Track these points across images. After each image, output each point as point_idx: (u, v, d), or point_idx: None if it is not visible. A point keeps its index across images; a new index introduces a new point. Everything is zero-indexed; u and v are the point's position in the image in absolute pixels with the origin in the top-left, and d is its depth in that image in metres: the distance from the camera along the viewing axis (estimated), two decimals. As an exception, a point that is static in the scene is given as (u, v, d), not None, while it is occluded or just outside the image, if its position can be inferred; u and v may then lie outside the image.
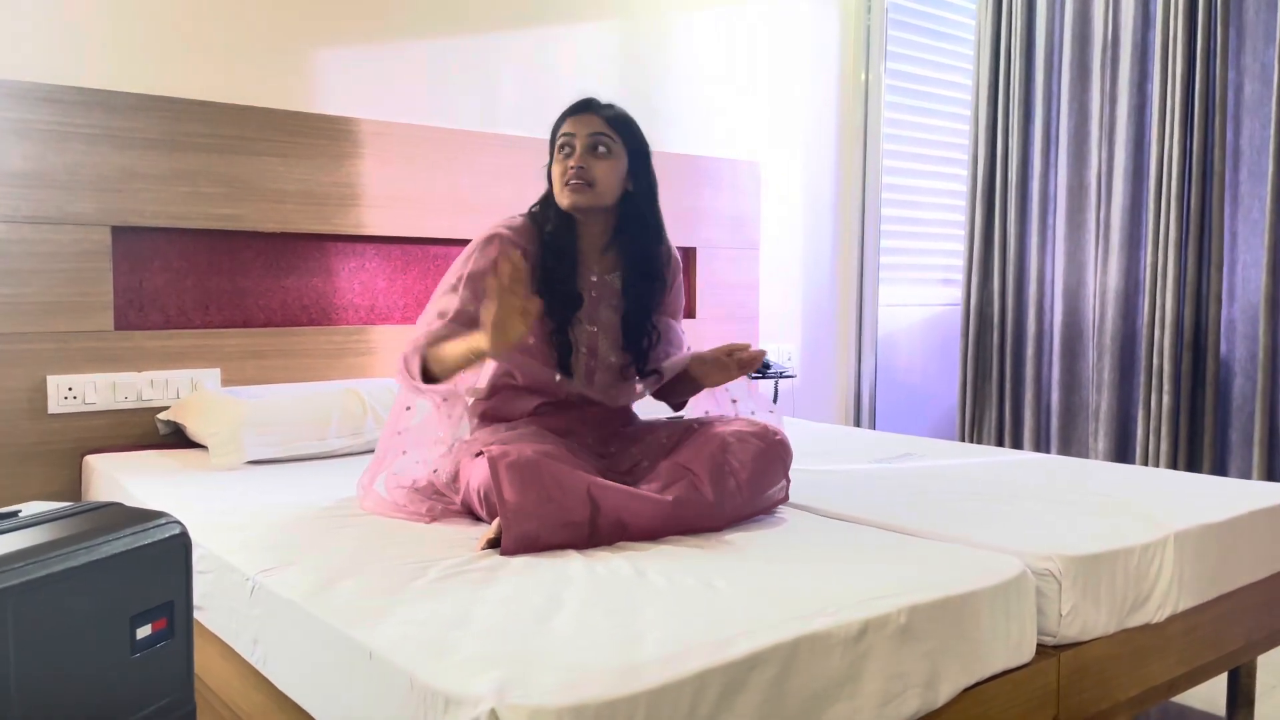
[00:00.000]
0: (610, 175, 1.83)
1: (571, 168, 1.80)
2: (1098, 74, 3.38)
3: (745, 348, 1.80)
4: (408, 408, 1.85)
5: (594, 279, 1.90)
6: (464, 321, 1.78)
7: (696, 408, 2.01)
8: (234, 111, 2.47)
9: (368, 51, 2.73)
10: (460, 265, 1.84)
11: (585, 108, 1.86)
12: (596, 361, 1.89)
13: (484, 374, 1.92)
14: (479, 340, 1.62)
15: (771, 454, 1.76)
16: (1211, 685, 2.04)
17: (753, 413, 1.96)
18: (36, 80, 2.24)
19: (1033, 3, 3.55)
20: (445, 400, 1.78)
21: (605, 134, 1.82)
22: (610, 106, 1.88)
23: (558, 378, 1.85)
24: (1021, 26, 3.55)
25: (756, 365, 1.80)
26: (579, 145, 1.81)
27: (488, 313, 1.57)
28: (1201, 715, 2.21)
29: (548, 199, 1.89)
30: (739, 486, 1.69)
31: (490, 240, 1.84)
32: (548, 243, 1.85)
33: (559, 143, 1.84)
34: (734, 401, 1.98)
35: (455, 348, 1.70)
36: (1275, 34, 2.95)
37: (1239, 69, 3.07)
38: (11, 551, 1.00)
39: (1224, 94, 3.06)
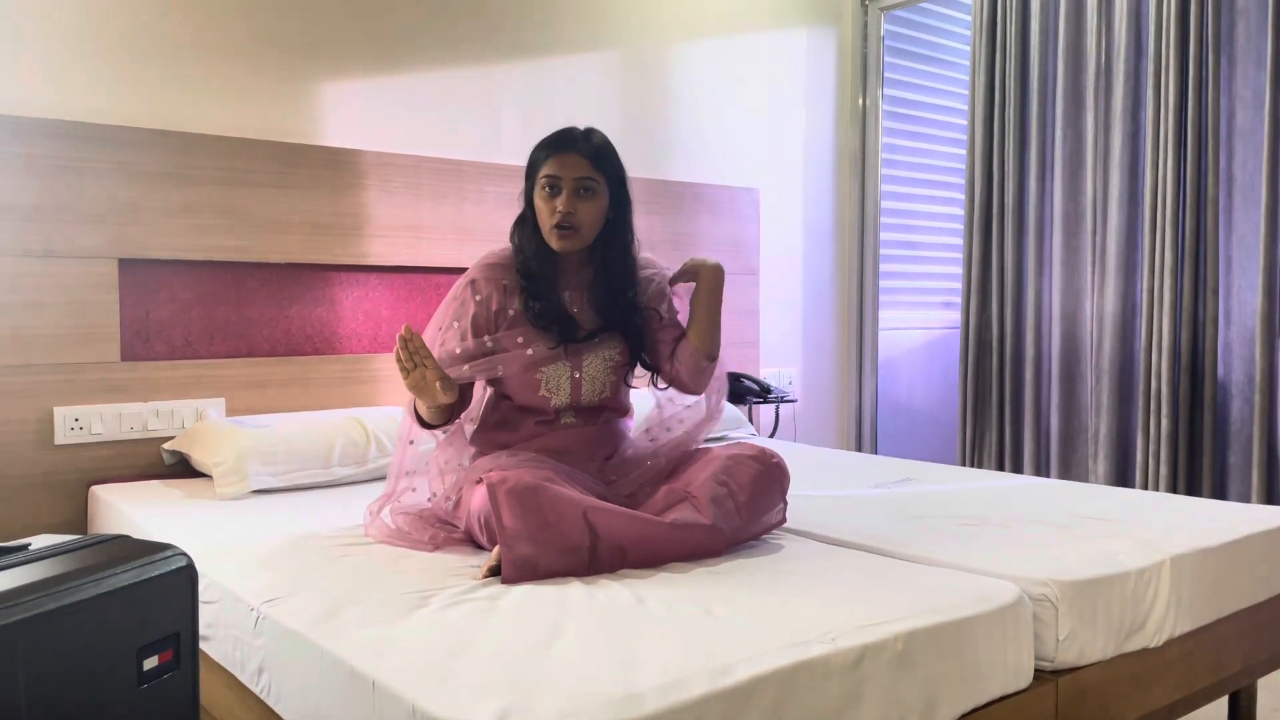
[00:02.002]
0: (594, 215, 1.86)
1: (559, 212, 1.82)
2: (1091, 101, 3.41)
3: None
4: (411, 441, 1.88)
5: (569, 295, 1.92)
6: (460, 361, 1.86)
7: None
8: (238, 145, 2.51)
9: (370, 84, 2.78)
10: (444, 311, 1.91)
11: (569, 145, 1.84)
12: (582, 374, 1.91)
13: (478, 402, 1.96)
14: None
15: (769, 477, 1.78)
16: (1212, 709, 2.04)
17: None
18: (44, 116, 2.28)
19: (1026, 31, 3.59)
20: (444, 434, 1.88)
21: (590, 177, 1.83)
22: (589, 138, 1.86)
23: (551, 401, 1.88)
24: (1016, 54, 3.59)
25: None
26: (566, 189, 1.82)
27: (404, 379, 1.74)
28: (1203, 739, 2.21)
29: (524, 223, 1.92)
30: (737, 509, 1.71)
31: (470, 285, 1.90)
32: (525, 272, 1.89)
33: (543, 182, 1.85)
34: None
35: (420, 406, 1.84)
36: (1266, 60, 2.99)
37: (1231, 95, 3.11)
38: (22, 585, 1.02)
39: (1216, 120, 3.10)
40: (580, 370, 1.89)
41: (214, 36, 2.52)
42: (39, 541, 1.16)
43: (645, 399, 2.08)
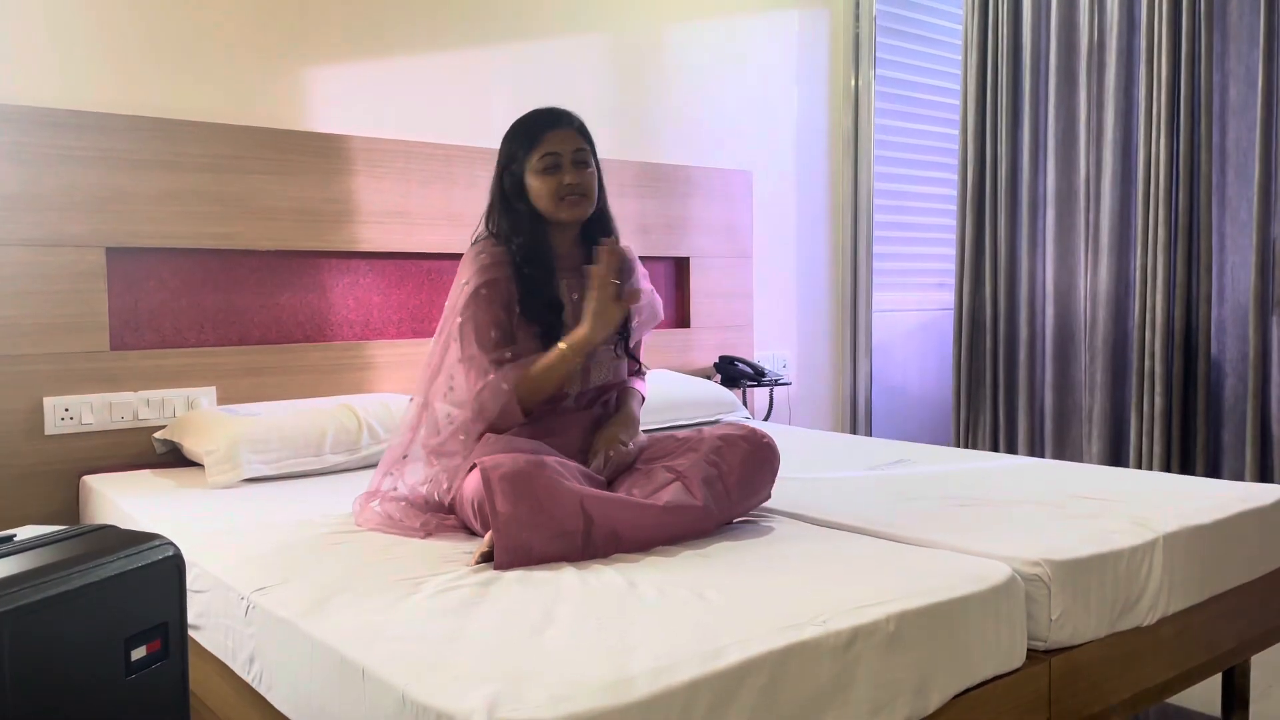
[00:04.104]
0: (595, 183, 1.91)
1: (568, 184, 1.85)
2: (1084, 79, 3.40)
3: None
4: (405, 456, 1.87)
5: (568, 280, 1.93)
6: (515, 356, 1.83)
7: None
8: (227, 131, 2.49)
9: (359, 69, 2.75)
10: (450, 321, 1.87)
11: (559, 121, 1.89)
12: (592, 361, 1.92)
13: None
14: (578, 337, 1.77)
15: (759, 457, 1.78)
16: (1207, 686, 2.05)
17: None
18: (31, 104, 2.26)
19: (1019, 9, 3.57)
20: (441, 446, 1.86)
21: (584, 147, 1.89)
22: (572, 115, 1.92)
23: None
24: (1008, 33, 3.58)
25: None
26: (567, 161, 1.86)
27: (591, 303, 1.75)
28: (1197, 716, 2.22)
29: (511, 210, 1.90)
30: (728, 490, 1.72)
31: (476, 291, 1.85)
32: (524, 256, 1.88)
33: (542, 163, 1.85)
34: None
35: (548, 367, 1.79)
36: (1259, 36, 2.97)
37: (1224, 71, 3.10)
38: (6, 576, 1.01)
39: (1209, 96, 3.08)
40: (591, 358, 1.91)
41: (201, 22, 2.50)
42: (24, 532, 1.15)
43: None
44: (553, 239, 1.91)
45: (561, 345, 1.79)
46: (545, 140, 1.86)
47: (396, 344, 2.77)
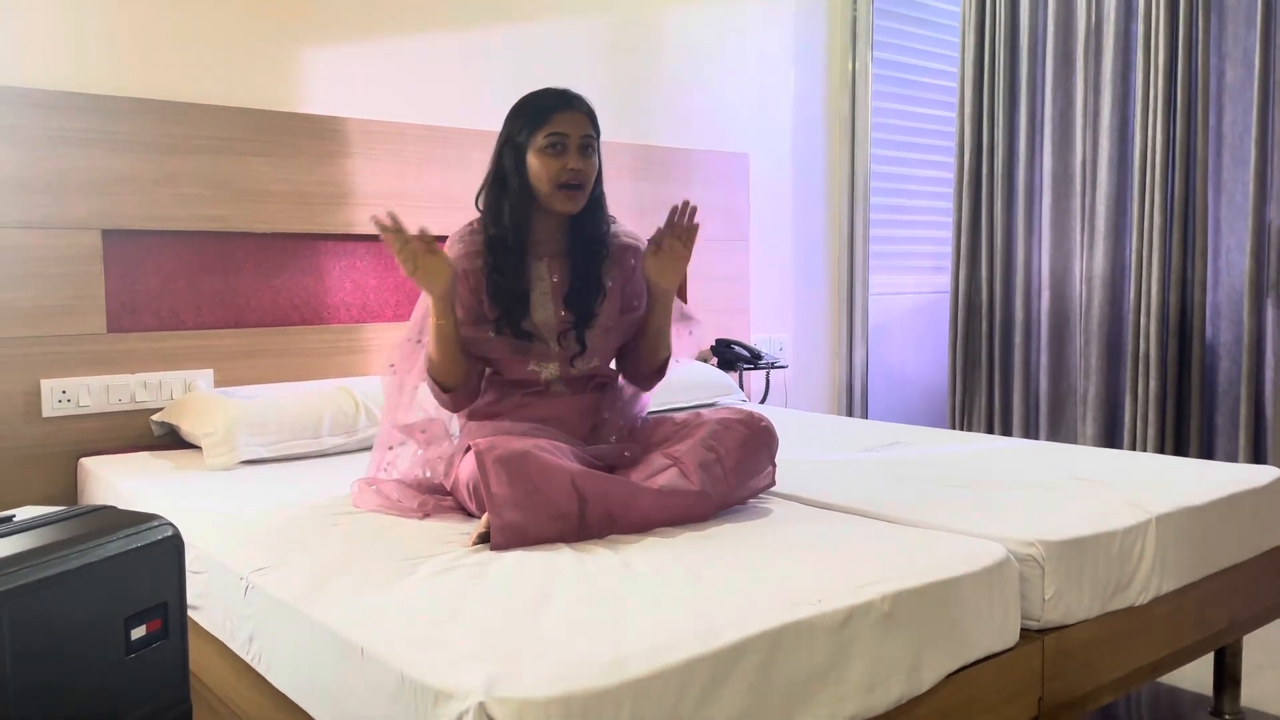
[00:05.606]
0: (593, 173, 1.86)
1: (570, 169, 1.80)
2: (1081, 62, 3.40)
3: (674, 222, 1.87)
4: (390, 447, 1.88)
5: (548, 261, 1.90)
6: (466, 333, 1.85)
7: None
8: (221, 113, 2.48)
9: (353, 50, 2.74)
10: (424, 304, 1.88)
11: (571, 103, 1.84)
12: (567, 342, 1.90)
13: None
14: (430, 305, 1.78)
15: (757, 441, 1.78)
16: (1199, 665, 2.07)
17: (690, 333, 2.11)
18: (27, 85, 2.25)
19: (1017, -9, 3.56)
20: (425, 432, 1.89)
21: (591, 135, 1.84)
22: (583, 99, 1.87)
23: (538, 370, 1.89)
24: (1006, 16, 3.57)
25: (692, 224, 1.89)
26: (573, 146, 1.81)
27: (405, 266, 1.76)
28: (1189, 695, 2.24)
29: (503, 186, 1.86)
30: (725, 474, 1.71)
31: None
32: (497, 242, 1.85)
33: (549, 140, 1.80)
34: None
35: (431, 339, 1.80)
36: (1256, 19, 2.97)
37: (1220, 55, 3.09)
38: (6, 556, 1.02)
39: (1206, 80, 3.08)
40: (556, 345, 1.89)
41: (196, 5, 2.48)
42: (24, 513, 1.15)
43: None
44: (536, 221, 1.88)
45: (432, 313, 1.79)
46: (554, 120, 1.81)
47: (393, 326, 2.77)
